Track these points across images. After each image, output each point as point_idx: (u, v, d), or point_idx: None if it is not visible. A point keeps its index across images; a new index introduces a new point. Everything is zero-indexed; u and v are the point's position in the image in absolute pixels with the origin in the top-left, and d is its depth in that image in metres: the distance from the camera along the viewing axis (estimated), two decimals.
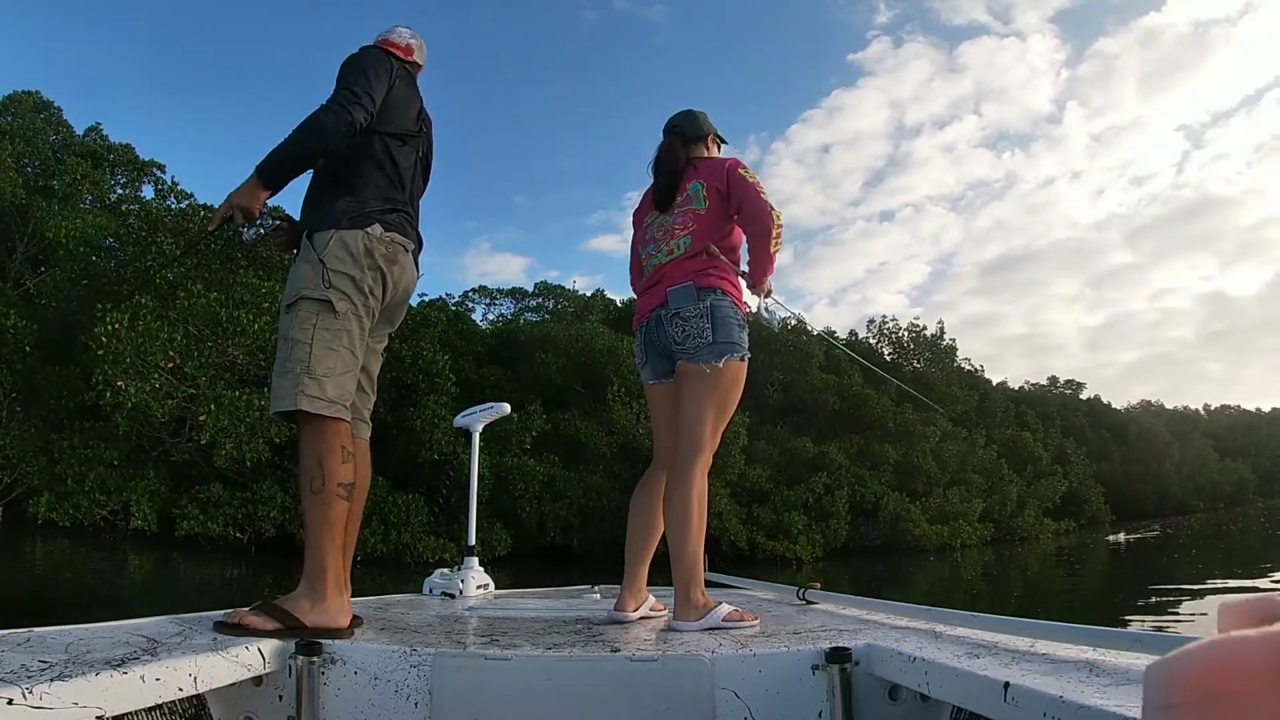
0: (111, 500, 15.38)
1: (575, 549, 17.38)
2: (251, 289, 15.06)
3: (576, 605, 2.91)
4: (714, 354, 2.36)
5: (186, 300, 14.60)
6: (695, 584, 2.20)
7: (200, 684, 1.45)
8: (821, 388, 24.73)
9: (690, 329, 2.39)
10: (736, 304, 2.44)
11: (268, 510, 14.82)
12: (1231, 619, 0.35)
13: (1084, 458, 36.54)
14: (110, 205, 21.90)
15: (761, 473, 20.06)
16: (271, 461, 15.29)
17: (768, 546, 18.45)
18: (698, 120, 2.71)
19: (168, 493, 15.72)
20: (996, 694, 1.23)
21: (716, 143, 2.75)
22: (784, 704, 1.62)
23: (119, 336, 14.16)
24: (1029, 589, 14.72)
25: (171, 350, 14.31)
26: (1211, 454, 50.04)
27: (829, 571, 17.63)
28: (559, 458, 18.08)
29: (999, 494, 26.56)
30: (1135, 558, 21.19)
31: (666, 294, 2.44)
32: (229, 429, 13.83)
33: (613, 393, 18.18)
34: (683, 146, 2.65)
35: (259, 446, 14.22)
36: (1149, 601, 10.56)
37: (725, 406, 2.41)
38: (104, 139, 24.79)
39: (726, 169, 2.50)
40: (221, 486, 15.33)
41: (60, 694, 1.16)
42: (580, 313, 24.67)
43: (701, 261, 2.45)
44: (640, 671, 1.66)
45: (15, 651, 1.42)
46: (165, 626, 1.85)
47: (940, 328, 32.49)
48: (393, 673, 1.66)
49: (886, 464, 23.44)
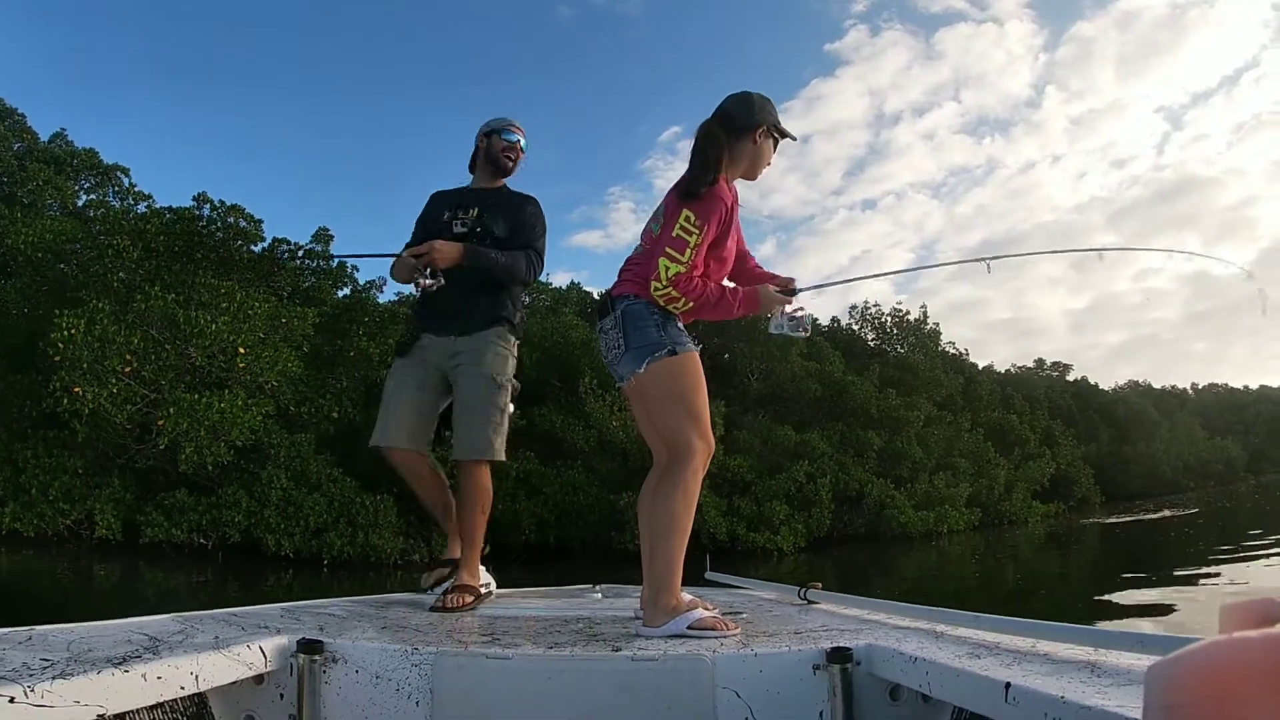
0: (75, 509, 15.07)
1: (552, 546, 17.11)
2: (211, 289, 14.74)
3: (578, 604, 2.93)
4: (634, 362, 2.22)
5: (144, 302, 14.27)
6: (666, 588, 2.09)
7: (201, 682, 1.45)
8: (803, 375, 24.47)
9: (609, 341, 2.30)
10: (654, 303, 2.22)
11: (232, 515, 14.49)
12: (1233, 620, 0.36)
13: (1072, 439, 36.44)
14: (76, 211, 21.61)
15: (742, 463, 19.81)
16: (236, 465, 15.00)
17: (749, 538, 18.19)
18: (751, 106, 2.31)
19: (133, 500, 15.41)
20: (998, 694, 1.23)
21: (772, 137, 2.36)
22: (785, 704, 1.62)
23: (75, 341, 13.84)
24: (1021, 574, 14.57)
25: (129, 354, 13.98)
26: (1200, 432, 50.06)
27: (812, 562, 17.39)
28: (535, 453, 17.80)
29: (986, 478, 26.38)
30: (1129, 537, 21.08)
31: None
32: (188, 432, 13.51)
33: (585, 385, 17.89)
34: (725, 135, 2.28)
35: (220, 449, 13.90)
36: (1146, 580, 10.44)
37: (685, 403, 2.22)
38: (69, 144, 24.47)
39: (668, 208, 2.25)
40: (186, 492, 15.01)
41: (62, 692, 1.16)
42: (555, 306, 24.38)
43: (630, 262, 2.34)
44: (641, 671, 1.67)
45: (17, 649, 1.42)
46: (167, 625, 1.85)
47: (924, 312, 32.40)
48: (394, 672, 1.67)
49: (870, 450, 23.21)
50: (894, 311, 32.27)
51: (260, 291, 16.04)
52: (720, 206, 2.20)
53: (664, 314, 2.24)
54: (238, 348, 14.12)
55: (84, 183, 23.35)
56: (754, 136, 2.31)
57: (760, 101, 2.32)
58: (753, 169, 2.37)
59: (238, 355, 14.21)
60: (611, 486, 16.95)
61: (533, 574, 11.39)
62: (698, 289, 2.19)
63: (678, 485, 2.16)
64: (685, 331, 2.30)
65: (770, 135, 2.35)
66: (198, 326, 13.84)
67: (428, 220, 3.26)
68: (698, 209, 2.17)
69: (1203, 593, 9.08)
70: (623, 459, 17.45)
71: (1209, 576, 10.67)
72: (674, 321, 2.26)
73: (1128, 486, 39.99)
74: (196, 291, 14.82)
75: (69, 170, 23.11)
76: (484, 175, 3.31)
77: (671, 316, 2.26)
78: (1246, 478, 51.49)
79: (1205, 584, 9.99)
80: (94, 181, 23.37)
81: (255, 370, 14.50)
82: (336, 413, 15.92)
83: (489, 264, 3.04)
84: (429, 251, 2.97)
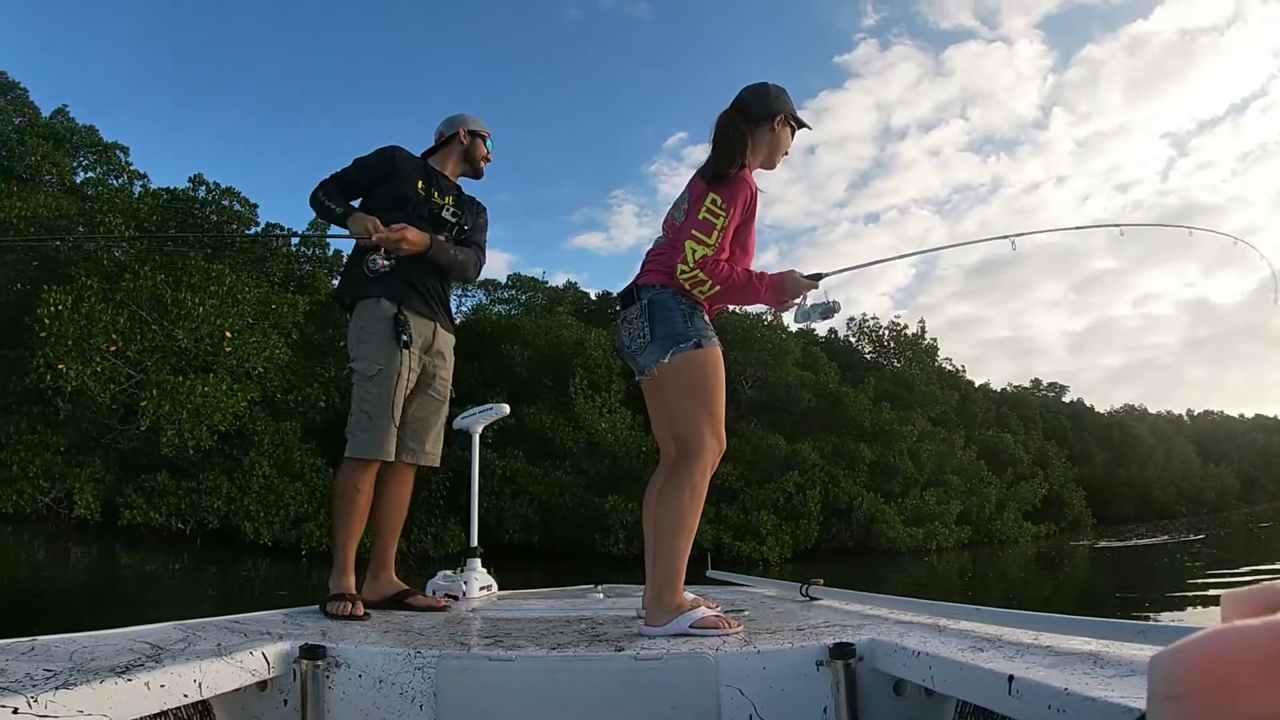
0: (55, 487, 14.92)
1: (536, 546, 16.94)
2: (202, 272, 14.60)
3: (580, 605, 2.91)
4: (658, 351, 2.20)
5: (133, 282, 14.13)
6: (670, 587, 2.06)
7: (205, 690, 1.45)
8: (797, 385, 24.31)
9: (634, 330, 2.27)
10: (682, 292, 2.23)
11: (212, 500, 14.34)
12: (1235, 609, 0.36)
13: (1066, 460, 36.23)
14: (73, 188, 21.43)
15: (732, 470, 19.65)
16: (219, 450, 14.85)
17: (734, 547, 18.02)
18: (769, 95, 2.36)
19: (114, 480, 15.25)
20: (1001, 687, 1.23)
21: (790, 126, 2.41)
22: (788, 700, 1.62)
23: (62, 318, 13.72)
24: (1011, 593, 14.38)
25: (115, 333, 13.84)
26: (1195, 459, 49.98)
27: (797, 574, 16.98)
28: (523, 452, 17.64)
29: (977, 496, 26.20)
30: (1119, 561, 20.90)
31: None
32: (170, 414, 13.37)
33: (575, 385, 17.71)
34: (744, 124, 2.31)
35: (202, 434, 13.76)
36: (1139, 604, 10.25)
37: (704, 398, 2.21)
38: (70, 121, 24.27)
39: (694, 191, 2.26)
40: (167, 475, 14.86)
41: (65, 702, 1.16)
42: (551, 305, 24.21)
43: (654, 253, 2.34)
44: (645, 670, 1.66)
45: (20, 660, 1.43)
46: (169, 633, 1.86)
47: (921, 327, 32.26)
48: (397, 675, 1.67)
49: (862, 463, 23.03)
50: (891, 325, 32.20)
51: (252, 276, 15.89)
52: (746, 190, 2.22)
53: (691, 304, 2.23)
54: (224, 331, 13.95)
55: (82, 160, 23.13)
56: (772, 125, 2.35)
57: (776, 91, 2.38)
58: (771, 157, 2.41)
59: (224, 339, 14.05)
60: (598, 489, 16.79)
61: (512, 577, 11.21)
62: (724, 272, 2.19)
63: (685, 484, 2.13)
64: (710, 325, 2.29)
65: (787, 124, 2.39)
66: (185, 308, 13.70)
67: (399, 178, 2.92)
68: (724, 192, 2.18)
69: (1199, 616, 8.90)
70: (611, 461, 17.30)
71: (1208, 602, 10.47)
72: (700, 313, 2.25)
73: (1120, 510, 39.83)
74: (187, 273, 14.68)
75: (68, 146, 22.91)
76: (452, 167, 3.14)
77: (698, 308, 2.25)
78: (1239, 506, 51.34)
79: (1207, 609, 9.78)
80: (92, 159, 23.13)
81: (242, 355, 14.35)
82: (324, 402, 15.77)
83: (448, 262, 2.90)
84: (400, 241, 2.71)
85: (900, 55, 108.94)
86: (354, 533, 2.69)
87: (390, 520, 2.89)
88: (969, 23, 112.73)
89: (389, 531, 2.91)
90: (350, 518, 2.69)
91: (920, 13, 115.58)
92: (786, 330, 23.66)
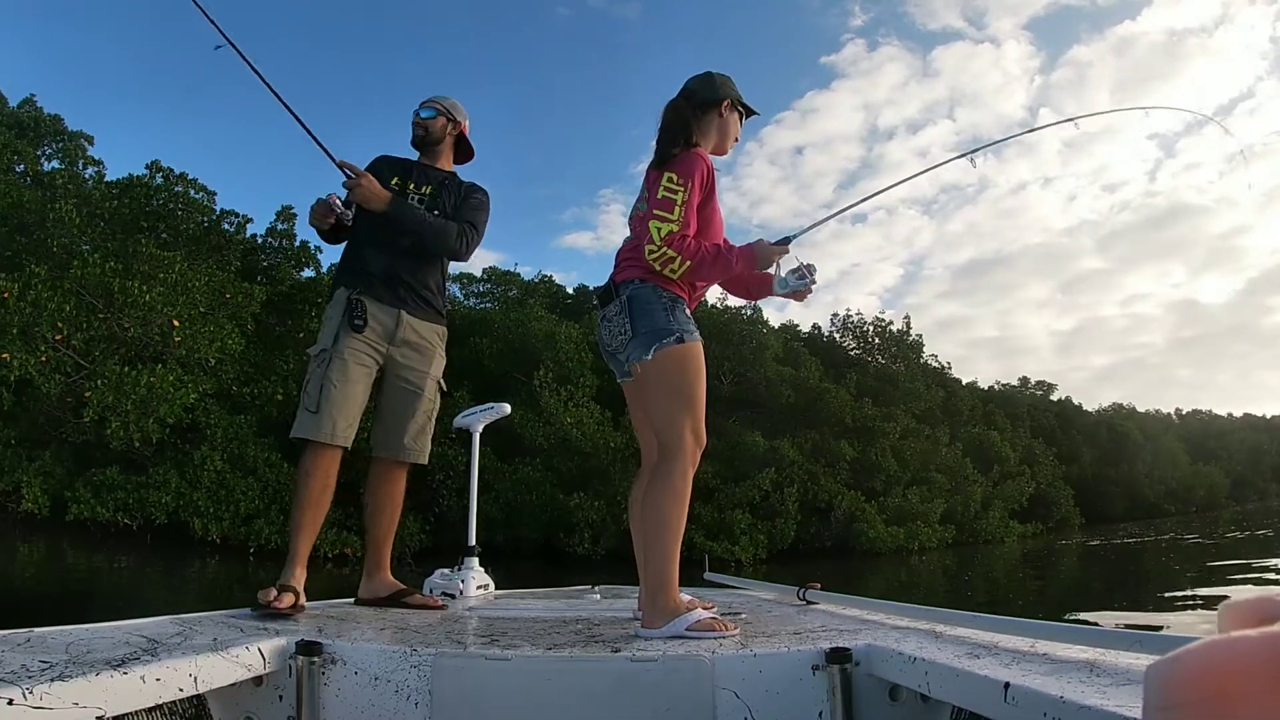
0: (3, 481, 14.46)
1: (500, 545, 16.47)
2: (153, 259, 14.11)
3: (577, 605, 2.92)
4: (641, 348, 2.17)
5: (80, 269, 13.66)
6: (664, 589, 2.06)
7: (200, 684, 1.45)
8: (777, 380, 23.88)
9: (614, 328, 2.25)
10: (662, 285, 2.21)
11: (160, 495, 13.85)
12: (1232, 619, 0.36)
13: (1053, 459, 35.85)
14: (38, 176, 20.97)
15: (707, 468, 19.20)
16: (171, 444, 14.37)
17: (705, 546, 17.56)
18: (714, 82, 2.40)
19: (64, 474, 14.77)
20: (997, 694, 1.23)
21: (738, 111, 2.44)
22: (784, 704, 1.63)
23: (7, 306, 13.25)
24: (996, 594, 13.99)
25: (60, 321, 13.37)
26: (1184, 457, 49.74)
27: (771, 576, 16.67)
28: (490, 449, 17.18)
29: (962, 494, 25.82)
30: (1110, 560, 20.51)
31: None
32: (115, 406, 12.89)
33: (540, 378, 17.25)
34: (690, 110, 2.34)
35: (149, 426, 13.28)
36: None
37: (685, 395, 2.18)
38: (37, 109, 23.81)
39: (649, 180, 2.28)
40: (117, 470, 14.38)
41: (61, 694, 1.16)
42: (522, 298, 23.76)
43: (626, 250, 2.32)
44: (640, 672, 1.67)
45: (15, 652, 1.42)
46: (165, 627, 1.87)
47: (906, 323, 31.87)
48: (393, 673, 1.67)
49: (843, 461, 22.64)
50: (876, 321, 31.81)
51: (208, 265, 15.41)
52: (701, 164, 2.22)
53: (672, 298, 2.22)
54: (172, 320, 13.47)
55: (45, 149, 22.63)
56: (719, 109, 2.38)
57: (721, 79, 2.41)
58: (722, 142, 2.43)
59: (173, 329, 13.57)
60: (565, 487, 16.35)
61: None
62: (692, 247, 2.16)
63: (667, 486, 2.11)
64: (691, 319, 2.27)
65: (735, 109, 2.42)
66: (131, 296, 13.21)
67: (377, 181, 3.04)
68: (678, 168, 2.20)
69: (1191, 617, 8.51)
70: (581, 459, 16.85)
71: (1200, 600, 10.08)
72: (682, 306, 2.24)
73: (1109, 509, 39.52)
74: (138, 261, 14.20)
75: (31, 135, 22.41)
76: (445, 159, 3.18)
77: (680, 300, 2.23)
78: (1229, 504, 51.17)
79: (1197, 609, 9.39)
80: (54, 148, 22.63)
81: (192, 346, 13.86)
82: (282, 395, 15.32)
83: (417, 222, 2.80)
84: (358, 179, 2.72)
85: (888, 56, 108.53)
86: (303, 522, 2.61)
87: (382, 521, 2.90)
88: (957, 23, 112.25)
89: (382, 532, 2.92)
90: (300, 504, 2.62)
91: (907, 13, 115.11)
92: (767, 325, 23.27)
